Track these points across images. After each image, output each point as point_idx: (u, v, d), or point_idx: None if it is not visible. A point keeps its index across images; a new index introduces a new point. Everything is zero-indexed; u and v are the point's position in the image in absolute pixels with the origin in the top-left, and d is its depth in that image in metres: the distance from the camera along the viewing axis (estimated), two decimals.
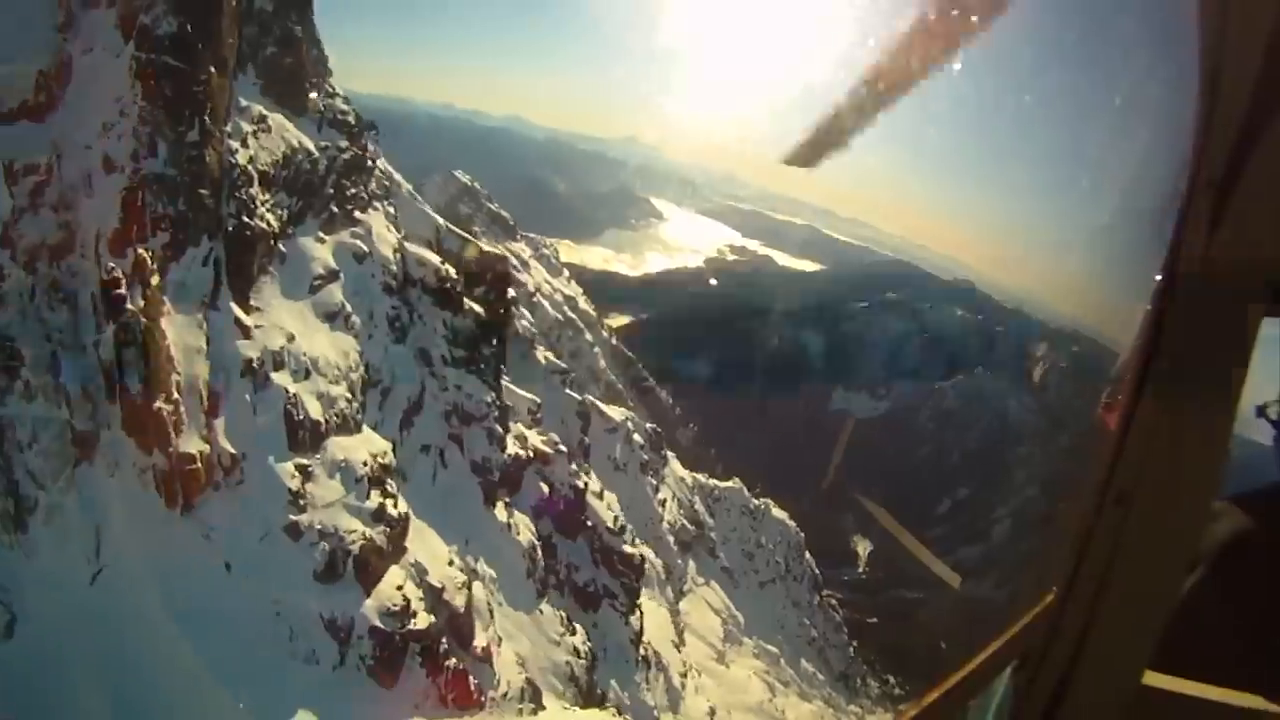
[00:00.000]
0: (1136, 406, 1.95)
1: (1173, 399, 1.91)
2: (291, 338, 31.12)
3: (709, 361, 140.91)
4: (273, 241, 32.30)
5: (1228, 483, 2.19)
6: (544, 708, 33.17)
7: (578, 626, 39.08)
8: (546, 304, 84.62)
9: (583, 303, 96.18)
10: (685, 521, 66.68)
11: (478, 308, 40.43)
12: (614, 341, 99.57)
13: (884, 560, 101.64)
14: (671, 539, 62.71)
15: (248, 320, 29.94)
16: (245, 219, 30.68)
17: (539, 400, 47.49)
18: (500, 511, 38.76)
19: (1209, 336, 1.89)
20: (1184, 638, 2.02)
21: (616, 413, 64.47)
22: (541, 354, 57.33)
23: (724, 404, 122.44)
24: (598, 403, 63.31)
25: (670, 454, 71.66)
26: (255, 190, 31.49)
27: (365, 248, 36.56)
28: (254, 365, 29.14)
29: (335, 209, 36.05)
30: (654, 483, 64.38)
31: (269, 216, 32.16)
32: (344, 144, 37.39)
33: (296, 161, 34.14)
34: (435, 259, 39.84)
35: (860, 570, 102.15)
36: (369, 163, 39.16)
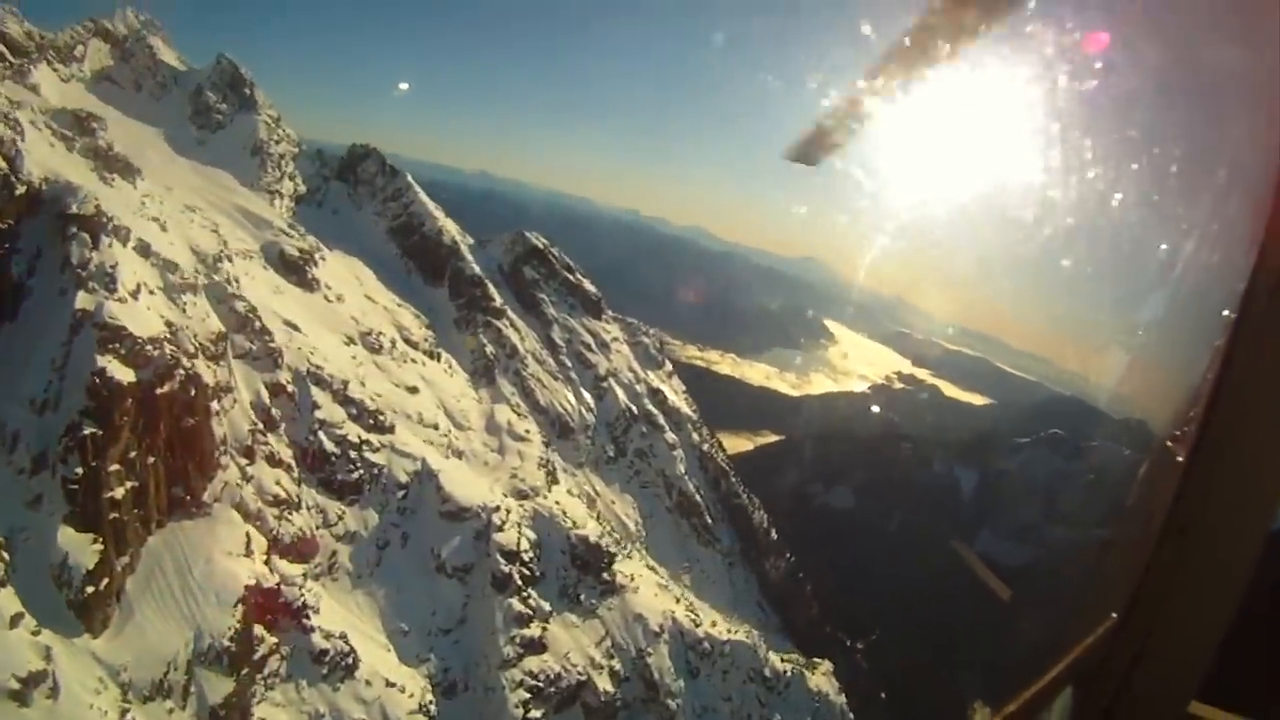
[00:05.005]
0: (1202, 441, 1.97)
1: (1236, 436, 1.95)
2: None
3: (850, 488, 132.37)
4: None
5: None
6: None
7: None
8: (621, 392, 79.70)
9: (675, 400, 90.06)
10: (605, 681, 48.95)
11: None
12: (707, 448, 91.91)
13: None
14: (524, 697, 45.07)
15: None
16: None
17: None
18: None
19: (1273, 377, 1.93)
20: (1233, 670, 2.05)
21: (477, 491, 49.90)
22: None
23: (852, 538, 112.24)
24: (429, 459, 50.56)
25: (639, 583, 55.60)
26: None
27: None
28: None
29: None
30: (525, 610, 47.66)
31: None
32: None
33: None
34: None
35: None
36: None
